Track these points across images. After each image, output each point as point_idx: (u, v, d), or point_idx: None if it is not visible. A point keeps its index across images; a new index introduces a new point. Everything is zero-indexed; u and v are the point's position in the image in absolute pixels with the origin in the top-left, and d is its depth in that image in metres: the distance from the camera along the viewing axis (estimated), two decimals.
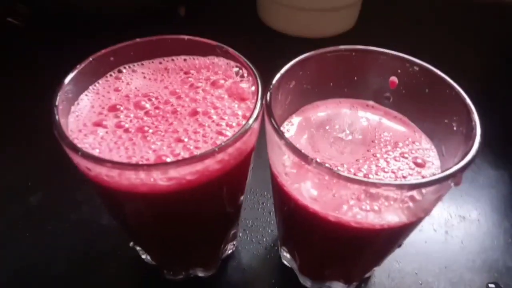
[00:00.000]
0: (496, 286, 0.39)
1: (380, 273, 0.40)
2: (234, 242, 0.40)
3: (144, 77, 0.32)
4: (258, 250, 0.41)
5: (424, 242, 0.42)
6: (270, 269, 0.40)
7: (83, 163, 0.24)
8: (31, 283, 0.38)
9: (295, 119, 0.34)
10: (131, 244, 0.37)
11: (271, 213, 0.44)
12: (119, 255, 0.40)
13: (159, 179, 0.24)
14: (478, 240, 0.43)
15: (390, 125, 0.33)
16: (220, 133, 0.27)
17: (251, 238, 0.42)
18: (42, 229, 0.42)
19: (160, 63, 0.34)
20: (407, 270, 0.40)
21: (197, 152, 0.26)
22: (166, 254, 0.35)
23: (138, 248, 0.37)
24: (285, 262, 0.40)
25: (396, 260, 0.41)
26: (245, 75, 0.31)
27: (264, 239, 0.42)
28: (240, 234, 0.42)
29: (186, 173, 0.24)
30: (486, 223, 0.44)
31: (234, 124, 0.28)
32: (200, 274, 0.38)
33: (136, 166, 0.23)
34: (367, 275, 0.38)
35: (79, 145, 0.25)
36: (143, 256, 0.38)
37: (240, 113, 0.29)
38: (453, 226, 0.44)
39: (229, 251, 0.40)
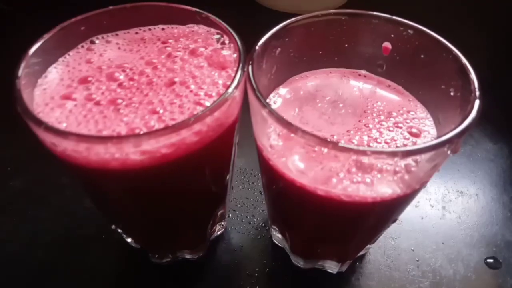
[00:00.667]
0: (495, 261, 0.37)
1: (375, 251, 0.38)
2: (223, 223, 0.38)
3: (119, 48, 0.30)
4: (248, 231, 0.40)
5: (420, 218, 0.41)
6: (261, 249, 0.38)
7: (48, 138, 0.22)
8: (14, 269, 0.36)
9: (282, 90, 0.32)
10: (113, 226, 0.35)
11: (261, 193, 0.43)
12: (104, 239, 0.38)
13: (131, 153, 0.22)
14: (476, 215, 0.41)
15: (383, 94, 0.31)
16: (198, 103, 0.25)
17: (241, 219, 0.41)
18: (23, 214, 0.40)
19: (136, 33, 0.31)
20: (403, 247, 0.38)
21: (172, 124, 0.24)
22: (149, 236, 0.33)
23: (119, 231, 0.35)
24: (276, 242, 0.38)
25: (392, 237, 0.39)
26: (227, 42, 0.29)
27: (255, 219, 0.41)
28: (230, 215, 0.41)
29: (160, 145, 0.22)
30: (485, 198, 0.43)
31: (213, 94, 0.26)
32: (188, 256, 0.37)
33: (104, 139, 0.21)
34: (361, 253, 0.37)
35: (44, 119, 0.23)
36: (128, 240, 0.36)
37: (220, 82, 0.26)
38: (451, 201, 0.42)
39: (218, 232, 0.39)
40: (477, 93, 0.23)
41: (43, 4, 0.64)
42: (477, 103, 0.22)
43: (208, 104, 0.25)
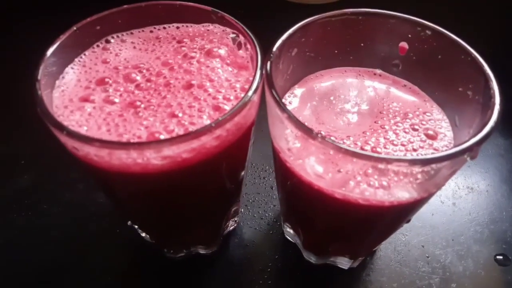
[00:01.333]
0: (504, 258, 0.38)
1: (386, 247, 0.39)
2: (236, 219, 0.39)
3: (134, 47, 0.30)
4: (260, 226, 0.40)
5: (431, 214, 0.41)
6: (273, 244, 0.39)
7: (69, 143, 0.22)
8: (26, 266, 0.37)
9: (298, 90, 0.32)
10: (129, 223, 0.35)
11: (273, 187, 0.43)
12: (117, 234, 0.39)
13: (153, 158, 0.22)
14: (486, 212, 0.41)
15: (399, 94, 0.31)
16: (217, 107, 0.25)
17: (253, 214, 0.41)
18: (36, 210, 0.41)
19: (151, 31, 0.31)
20: (414, 243, 0.39)
21: (192, 128, 0.24)
22: (165, 233, 0.34)
23: (136, 226, 0.36)
24: (288, 238, 0.39)
25: (403, 233, 0.40)
26: (243, 42, 0.29)
27: (267, 214, 0.41)
28: (242, 210, 0.41)
29: (181, 151, 0.22)
30: (495, 194, 0.43)
31: (232, 97, 0.26)
32: (202, 251, 0.37)
33: (127, 145, 0.22)
34: (373, 249, 0.37)
35: (65, 123, 0.23)
36: (142, 235, 0.37)
37: (238, 85, 0.26)
38: (461, 197, 0.42)
39: (231, 228, 0.39)
40: (497, 99, 0.23)
41: (57, 4, 0.64)
42: (496, 109, 0.22)
43: (227, 108, 0.25)
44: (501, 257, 0.38)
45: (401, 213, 0.27)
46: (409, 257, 0.38)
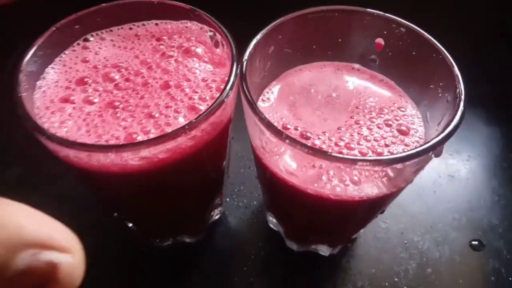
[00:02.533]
0: (479, 243, 0.39)
1: (366, 234, 0.40)
2: (220, 209, 0.40)
3: (114, 45, 0.30)
4: (245, 215, 0.41)
5: (411, 203, 0.42)
6: (257, 233, 0.40)
7: (50, 145, 0.23)
8: None
9: (276, 86, 0.32)
10: (115, 214, 0.37)
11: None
12: (104, 224, 0.40)
13: (130, 159, 0.23)
14: (465, 199, 0.43)
15: (375, 89, 0.32)
16: (192, 107, 0.26)
17: (238, 203, 0.42)
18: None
19: (130, 28, 0.31)
20: (393, 230, 0.40)
21: (168, 129, 0.25)
22: (150, 225, 0.35)
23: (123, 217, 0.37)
24: (272, 226, 0.40)
25: (383, 221, 0.41)
26: (219, 40, 0.29)
27: (251, 203, 0.42)
28: (227, 199, 0.42)
29: (157, 152, 0.23)
30: (475, 182, 0.44)
31: (207, 97, 0.26)
32: (187, 240, 0.39)
33: (104, 148, 0.22)
34: (353, 236, 0.39)
35: (46, 124, 0.24)
36: (129, 225, 0.38)
37: (214, 85, 0.27)
38: (442, 186, 0.44)
39: (216, 217, 0.41)
40: (462, 101, 0.23)
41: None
42: (460, 110, 0.23)
43: (202, 108, 0.26)
44: (476, 242, 0.39)
45: (373, 206, 0.28)
46: (388, 244, 0.39)
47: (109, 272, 0.38)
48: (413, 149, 0.22)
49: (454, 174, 0.45)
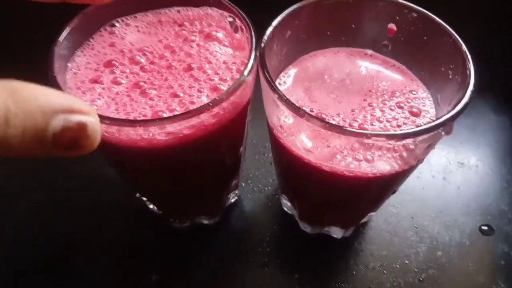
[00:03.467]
0: (488, 228, 0.40)
1: (377, 218, 0.41)
2: (236, 191, 0.42)
3: (138, 31, 0.32)
4: (259, 199, 0.43)
5: (421, 188, 0.43)
6: (271, 216, 0.42)
7: None
8: (40, 238, 0.40)
9: (292, 70, 0.33)
10: (137, 195, 0.38)
11: (272, 163, 0.45)
12: (127, 206, 0.42)
13: (157, 134, 0.25)
14: (474, 186, 0.44)
15: (388, 74, 0.33)
16: (214, 87, 0.27)
17: (253, 187, 0.44)
18: (49, 184, 0.44)
19: (154, 15, 0.33)
20: (404, 214, 0.41)
21: (192, 107, 0.26)
22: (171, 204, 0.36)
23: (144, 198, 0.39)
24: (286, 209, 0.42)
25: (394, 206, 0.42)
26: (239, 25, 0.31)
27: (266, 188, 0.44)
28: (242, 184, 0.44)
29: (182, 127, 0.25)
30: (484, 169, 0.45)
31: (228, 79, 0.28)
32: (205, 221, 0.40)
33: (133, 122, 0.24)
34: (364, 220, 0.40)
35: None
36: (150, 206, 0.40)
37: (234, 67, 0.29)
38: (451, 172, 0.45)
39: (232, 200, 0.42)
40: (472, 80, 0.25)
41: None
42: (470, 90, 0.24)
43: (224, 88, 0.27)
44: (485, 227, 0.40)
45: (385, 184, 0.30)
46: (399, 228, 0.41)
47: (131, 251, 0.39)
48: (425, 124, 0.23)
49: (464, 161, 0.46)
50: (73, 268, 0.38)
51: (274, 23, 0.29)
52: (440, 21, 0.28)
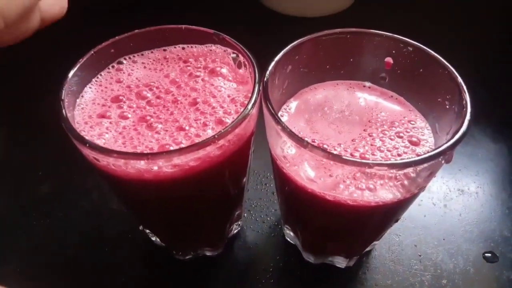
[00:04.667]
0: (492, 255, 0.40)
1: (380, 246, 0.41)
2: (239, 222, 0.42)
3: (145, 67, 0.33)
4: (262, 229, 0.43)
5: (423, 216, 0.44)
6: (274, 246, 0.42)
7: (91, 154, 0.25)
8: (43, 269, 0.40)
9: (293, 103, 0.35)
10: (141, 227, 0.38)
11: (274, 193, 0.46)
12: (129, 239, 0.42)
13: (164, 167, 0.25)
14: (476, 212, 0.44)
15: (386, 105, 0.34)
16: (219, 120, 0.28)
17: (256, 218, 0.44)
18: (53, 216, 0.44)
19: (160, 52, 0.34)
20: (407, 242, 0.41)
21: (198, 140, 0.27)
22: (175, 235, 0.36)
23: (147, 231, 0.39)
24: (289, 240, 0.42)
25: (396, 234, 0.42)
26: (242, 61, 0.32)
27: (268, 218, 0.44)
28: (245, 214, 0.44)
29: (188, 160, 0.25)
30: (484, 196, 0.45)
31: (232, 112, 0.29)
32: (208, 253, 0.40)
33: (141, 155, 0.25)
34: (368, 249, 0.40)
35: (86, 137, 0.26)
36: (153, 239, 0.40)
37: (238, 100, 0.30)
38: (452, 199, 0.45)
39: (235, 231, 0.42)
40: (468, 110, 0.26)
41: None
42: (467, 119, 0.25)
43: (228, 121, 0.28)
44: (489, 254, 0.40)
45: (388, 212, 0.30)
46: (402, 256, 0.41)
47: (134, 284, 0.39)
48: (426, 153, 0.24)
49: (464, 188, 0.46)
50: None
51: (276, 58, 0.30)
52: (435, 54, 0.30)
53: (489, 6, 0.74)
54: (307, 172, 0.28)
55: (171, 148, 0.27)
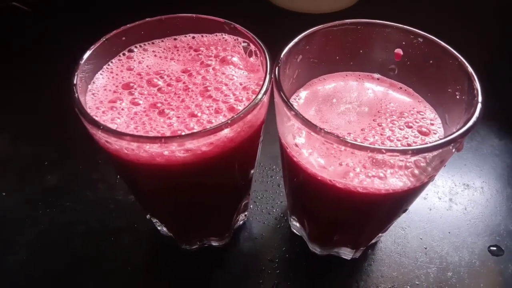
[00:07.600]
0: (497, 248, 0.40)
1: (386, 239, 0.41)
2: (246, 213, 0.42)
3: (155, 55, 0.33)
4: (268, 220, 0.43)
5: (428, 209, 0.44)
6: (280, 237, 0.42)
7: (104, 138, 0.26)
8: (50, 260, 0.40)
9: (303, 93, 0.35)
10: (148, 216, 0.39)
11: (280, 185, 0.46)
12: (136, 229, 0.42)
13: (177, 151, 0.25)
14: (481, 206, 0.44)
15: (395, 96, 0.34)
16: (231, 108, 0.28)
17: (262, 209, 0.44)
18: (59, 207, 0.44)
19: (170, 41, 0.34)
20: (412, 235, 0.42)
21: (210, 126, 0.27)
22: (182, 224, 0.37)
23: (154, 220, 0.39)
24: (295, 231, 0.42)
25: (402, 227, 0.42)
26: (253, 50, 0.32)
27: (274, 210, 0.44)
28: (251, 206, 0.44)
29: (200, 144, 0.25)
30: (489, 190, 0.45)
31: (244, 99, 0.29)
32: (214, 243, 0.40)
33: (155, 139, 0.25)
34: (373, 241, 0.40)
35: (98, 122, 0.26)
36: (159, 228, 0.40)
37: (250, 88, 0.30)
38: (457, 194, 0.45)
39: (241, 222, 0.42)
40: (480, 98, 0.26)
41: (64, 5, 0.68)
42: (479, 107, 0.25)
43: (240, 108, 0.28)
44: (494, 248, 0.40)
45: (397, 201, 0.30)
46: (408, 249, 0.41)
47: (140, 274, 0.39)
48: (437, 140, 0.24)
49: (469, 183, 0.46)
50: None
51: (287, 47, 0.30)
52: (445, 44, 0.30)
53: (499, 2, 0.75)
54: (318, 160, 0.28)
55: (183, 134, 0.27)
